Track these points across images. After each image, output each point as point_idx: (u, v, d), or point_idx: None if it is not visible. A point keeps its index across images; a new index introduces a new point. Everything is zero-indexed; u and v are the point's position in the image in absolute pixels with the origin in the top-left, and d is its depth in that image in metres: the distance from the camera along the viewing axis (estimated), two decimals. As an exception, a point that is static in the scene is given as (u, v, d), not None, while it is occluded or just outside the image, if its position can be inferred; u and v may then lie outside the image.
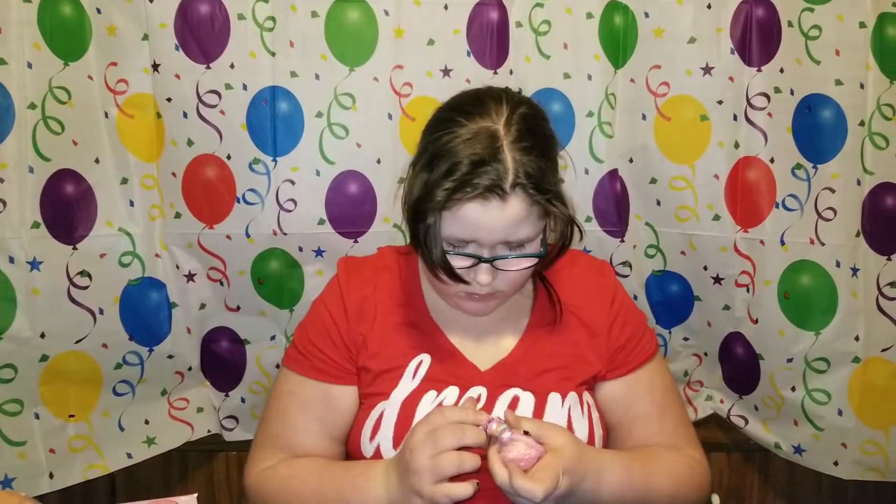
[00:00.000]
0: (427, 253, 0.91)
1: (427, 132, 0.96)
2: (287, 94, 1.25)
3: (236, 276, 1.30)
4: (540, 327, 1.04)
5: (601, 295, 1.07)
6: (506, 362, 1.02)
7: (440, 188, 0.87)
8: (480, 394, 0.99)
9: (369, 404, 1.00)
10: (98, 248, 1.24)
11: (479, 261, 0.91)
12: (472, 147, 0.88)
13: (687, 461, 1.02)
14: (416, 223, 0.91)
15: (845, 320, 1.26)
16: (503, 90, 0.97)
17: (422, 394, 0.98)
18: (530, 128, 0.92)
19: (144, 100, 1.25)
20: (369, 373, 1.01)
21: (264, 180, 1.26)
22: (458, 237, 0.91)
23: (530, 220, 0.90)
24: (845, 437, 1.30)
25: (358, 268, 1.08)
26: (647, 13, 1.29)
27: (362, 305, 1.03)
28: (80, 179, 1.22)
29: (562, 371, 1.01)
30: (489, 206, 0.87)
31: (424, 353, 1.01)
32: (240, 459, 1.43)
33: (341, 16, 1.25)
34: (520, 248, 0.92)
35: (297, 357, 1.04)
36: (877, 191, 1.26)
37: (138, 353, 1.29)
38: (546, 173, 0.90)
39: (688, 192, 1.30)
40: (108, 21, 1.22)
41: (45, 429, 1.22)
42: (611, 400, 1.05)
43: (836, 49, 1.25)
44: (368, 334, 1.02)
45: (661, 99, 1.29)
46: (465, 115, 0.91)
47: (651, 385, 1.05)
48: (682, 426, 1.06)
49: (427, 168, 0.91)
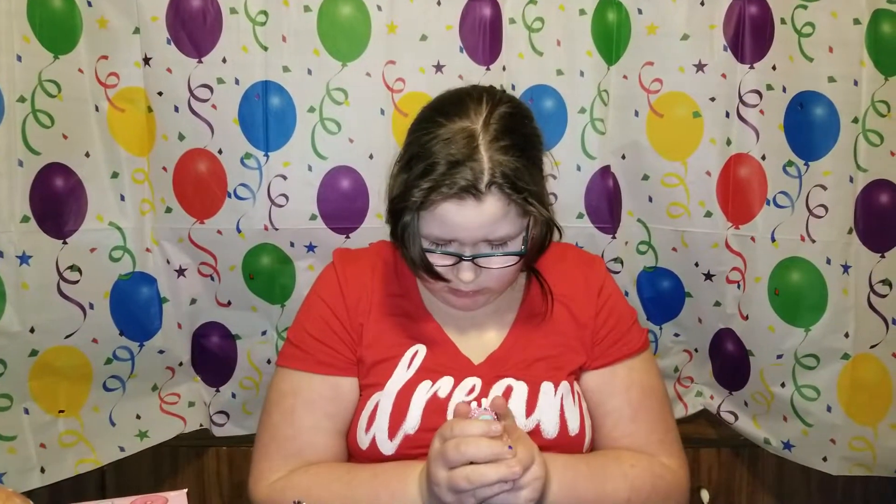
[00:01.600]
0: (406, 251, 0.93)
1: (409, 132, 0.97)
2: (279, 88, 1.25)
3: (227, 271, 1.30)
4: (530, 319, 1.05)
5: (588, 286, 1.08)
6: (498, 354, 1.03)
7: (417, 188, 0.89)
8: (475, 384, 1.00)
9: (365, 396, 1.00)
10: (88, 243, 1.23)
11: (461, 259, 0.92)
12: (449, 147, 0.89)
13: (652, 468, 0.99)
14: (395, 222, 0.93)
15: (835, 317, 1.27)
16: (486, 89, 0.97)
17: (416, 384, 0.99)
18: (509, 127, 0.92)
19: (135, 94, 1.24)
20: (364, 364, 1.01)
21: (256, 175, 1.26)
22: (438, 236, 0.92)
23: (509, 219, 0.91)
24: (834, 433, 1.31)
25: (354, 258, 1.09)
26: (640, 10, 1.29)
27: (360, 295, 1.03)
28: (70, 173, 1.22)
29: (553, 360, 1.03)
30: (465, 205, 0.88)
31: (420, 343, 1.02)
32: (230, 455, 1.43)
33: (334, 11, 1.25)
34: (502, 245, 0.93)
35: (297, 355, 1.02)
36: (871, 188, 1.26)
37: (129, 348, 1.28)
38: (524, 172, 0.90)
39: (680, 189, 1.30)
40: (99, 14, 1.21)
41: (35, 424, 1.22)
42: (587, 391, 1.05)
43: (829, 46, 1.25)
44: (365, 324, 1.02)
45: (653, 95, 1.29)
46: (445, 116, 0.92)
47: (628, 383, 1.04)
48: (658, 432, 1.03)
49: (406, 168, 0.93)
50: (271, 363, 1.35)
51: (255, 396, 1.37)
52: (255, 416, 1.37)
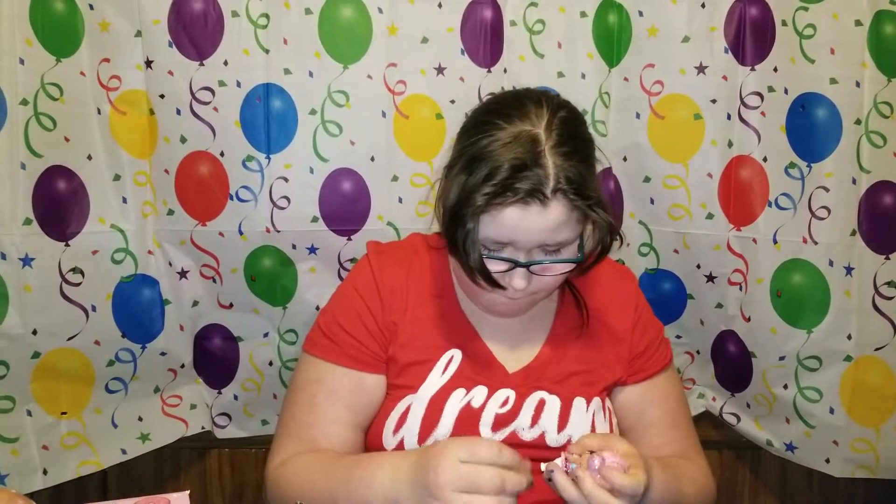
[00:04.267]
0: (465, 257, 0.89)
1: (464, 135, 0.94)
2: (281, 91, 1.25)
3: (229, 273, 1.30)
4: (565, 331, 1.04)
5: (625, 300, 1.08)
6: (533, 365, 1.02)
7: (480, 192, 0.86)
8: (508, 396, 0.99)
9: (395, 396, 0.99)
10: (90, 245, 1.23)
11: (516, 265, 0.90)
12: (512, 151, 0.87)
13: (702, 470, 1.05)
14: (453, 228, 0.89)
15: (837, 319, 1.27)
16: (542, 93, 0.95)
17: (451, 391, 0.98)
18: (571, 132, 0.90)
19: (137, 96, 1.24)
20: (396, 364, 1.00)
21: (258, 177, 1.26)
22: (496, 240, 0.89)
23: (569, 225, 0.89)
24: (836, 435, 1.30)
25: (390, 252, 1.07)
26: (641, 12, 1.29)
27: (395, 291, 1.01)
28: (73, 176, 1.22)
29: (586, 375, 1.02)
30: (529, 210, 0.86)
31: (455, 348, 1.00)
32: (232, 456, 1.43)
33: (335, 13, 1.25)
34: (556, 252, 0.91)
35: (325, 344, 1.01)
36: (874, 189, 1.26)
37: (131, 350, 1.29)
38: (587, 178, 0.89)
39: (681, 191, 1.30)
40: (101, 17, 1.22)
41: (38, 426, 1.22)
42: (626, 405, 1.06)
43: (830, 48, 1.25)
44: (400, 323, 1.00)
45: (654, 98, 1.29)
46: (505, 118, 0.90)
47: (666, 393, 1.07)
48: (692, 436, 1.08)
49: (465, 171, 0.89)
50: (273, 365, 1.35)
51: (256, 398, 1.37)
52: (257, 419, 1.38)
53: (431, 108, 1.27)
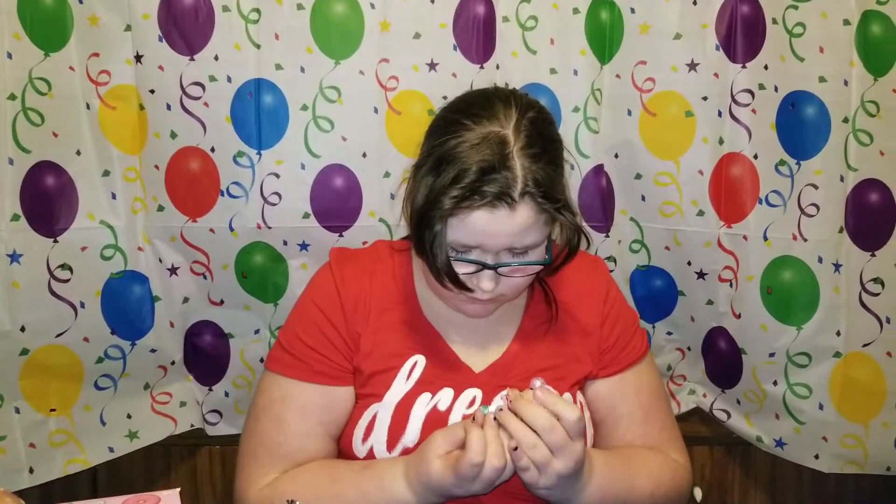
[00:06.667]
0: (432, 259, 0.89)
1: (432, 134, 0.93)
2: (272, 86, 1.24)
3: (220, 269, 1.29)
4: (534, 327, 1.04)
5: (594, 292, 1.06)
6: (500, 363, 1.01)
7: (447, 195, 0.85)
8: (475, 396, 0.98)
9: (362, 405, 0.98)
10: (79, 241, 1.22)
11: (483, 267, 0.90)
12: (480, 153, 0.86)
13: (669, 463, 1.02)
14: (421, 230, 0.89)
15: (827, 315, 1.27)
16: (511, 92, 0.95)
17: (416, 396, 0.97)
18: (539, 133, 0.90)
19: (127, 91, 1.24)
20: (362, 374, 0.99)
21: (248, 173, 1.25)
22: (463, 243, 0.89)
23: (537, 227, 0.89)
24: (826, 431, 1.31)
25: (353, 260, 1.06)
26: (633, 9, 1.29)
27: (357, 302, 1.00)
28: (61, 171, 1.21)
29: (556, 371, 1.01)
30: (497, 213, 0.86)
31: (419, 353, 0.99)
32: (223, 454, 1.42)
33: (327, 9, 1.24)
34: (524, 254, 0.91)
35: (288, 361, 1.00)
36: (861, 187, 1.27)
37: (120, 346, 1.28)
38: (555, 180, 0.89)
39: (672, 188, 1.30)
40: (90, 11, 1.21)
41: (26, 423, 1.21)
42: (597, 399, 1.04)
43: (820, 46, 1.25)
44: (363, 333, 0.99)
45: (646, 95, 1.29)
46: (473, 118, 0.89)
47: (638, 387, 1.05)
48: (667, 429, 1.06)
49: (433, 172, 0.89)
50: (264, 361, 1.34)
51: (247, 395, 1.36)
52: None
53: (424, 104, 1.27)
